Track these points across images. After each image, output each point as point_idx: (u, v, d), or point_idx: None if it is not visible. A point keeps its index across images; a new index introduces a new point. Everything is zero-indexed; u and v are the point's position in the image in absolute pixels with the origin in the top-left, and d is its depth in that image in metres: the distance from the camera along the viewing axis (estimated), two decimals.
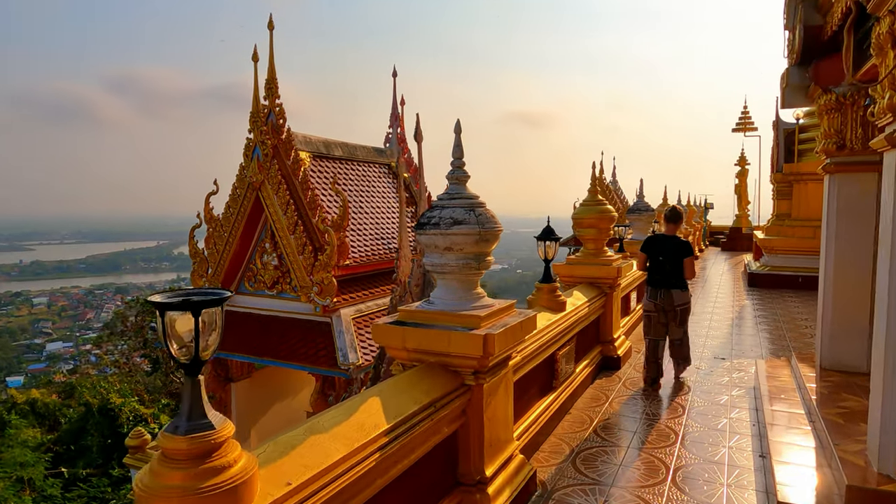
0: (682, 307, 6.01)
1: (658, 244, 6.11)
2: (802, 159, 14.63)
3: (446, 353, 3.30)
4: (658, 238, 6.23)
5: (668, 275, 5.98)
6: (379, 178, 11.91)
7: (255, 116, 9.35)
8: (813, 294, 13.18)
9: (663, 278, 6.01)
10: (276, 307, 9.64)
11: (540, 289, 5.43)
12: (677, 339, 6.14)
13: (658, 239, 6.21)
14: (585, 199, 7.13)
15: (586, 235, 7.08)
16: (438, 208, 3.53)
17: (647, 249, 6.16)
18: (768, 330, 9.06)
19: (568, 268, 7.02)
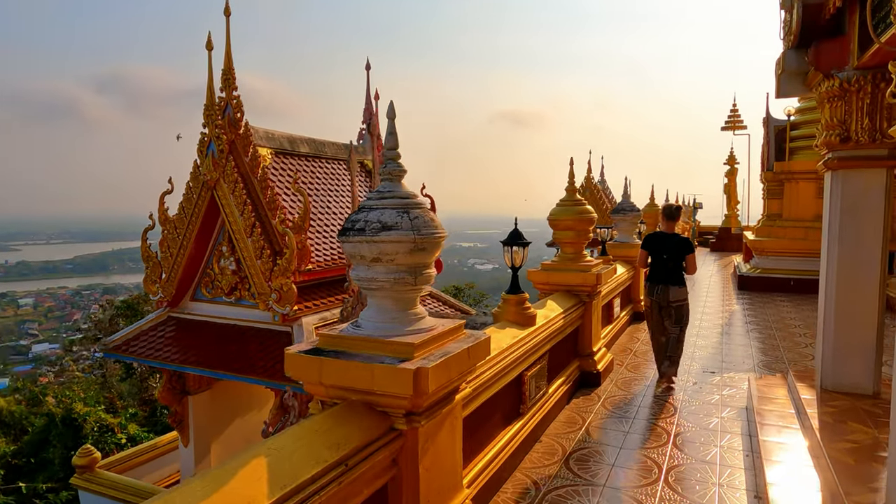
0: (677, 303, 6.03)
1: (659, 241, 6.18)
2: (794, 157, 14.12)
3: (370, 390, 2.65)
4: (659, 235, 6.31)
5: (670, 271, 6.05)
6: (349, 177, 11.22)
7: (209, 110, 8.64)
8: (805, 298, 12.83)
9: (663, 274, 6.06)
10: (234, 315, 8.94)
11: (506, 300, 4.80)
12: (672, 335, 6.12)
13: (659, 236, 6.29)
14: (562, 199, 6.51)
15: (563, 238, 6.46)
16: (365, 210, 2.88)
17: (649, 246, 6.24)
18: (760, 339, 8.48)
19: (543, 274, 6.39)
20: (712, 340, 8.40)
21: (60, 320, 74.47)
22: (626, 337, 8.57)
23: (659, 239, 6.23)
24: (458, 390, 3.08)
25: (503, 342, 4.21)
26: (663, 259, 6.08)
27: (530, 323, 4.77)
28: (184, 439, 9.64)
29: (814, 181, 13.37)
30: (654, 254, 6.16)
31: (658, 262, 6.12)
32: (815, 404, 4.48)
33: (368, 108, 12.41)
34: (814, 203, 13.42)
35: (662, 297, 6.05)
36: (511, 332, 4.48)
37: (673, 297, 6.01)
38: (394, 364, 2.59)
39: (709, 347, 7.97)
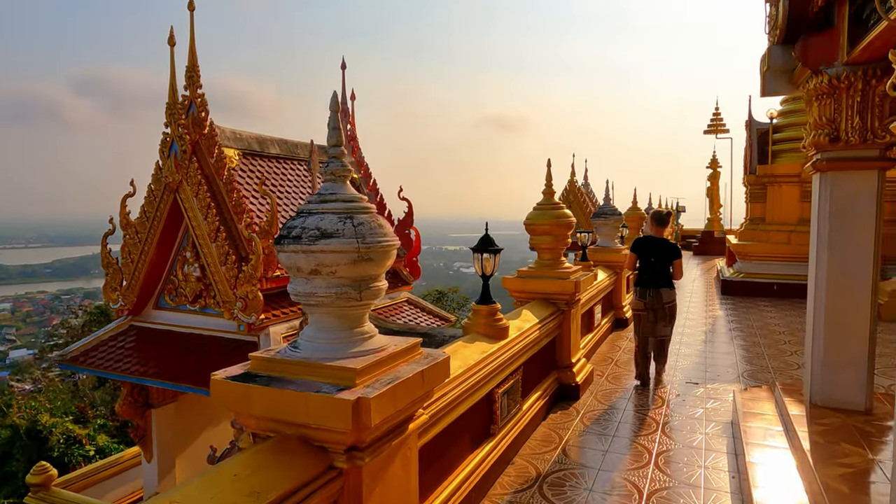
0: (669, 305, 6.22)
1: (648, 245, 6.29)
2: (777, 160, 13.99)
3: (305, 423, 2.30)
4: (648, 240, 6.37)
5: (658, 275, 6.20)
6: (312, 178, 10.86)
7: (171, 108, 8.22)
8: (789, 303, 12.66)
9: (653, 278, 6.21)
10: (198, 324, 8.51)
11: (476, 311, 4.46)
12: (664, 336, 6.33)
13: (648, 240, 6.36)
14: (539, 203, 6.20)
15: (541, 244, 6.14)
16: (304, 215, 2.54)
17: (638, 250, 6.34)
18: (744, 346, 8.24)
19: (519, 282, 6.07)
20: (696, 348, 8.14)
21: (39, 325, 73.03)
22: (608, 345, 8.28)
23: (648, 243, 6.32)
24: (413, 418, 2.73)
25: (471, 358, 3.87)
26: (652, 262, 6.21)
27: (502, 336, 4.43)
28: (147, 454, 9.17)
29: (797, 184, 13.25)
30: (644, 258, 6.28)
31: (647, 266, 6.25)
32: (804, 422, 4.20)
33: (343, 110, 12.04)
34: (797, 207, 13.29)
35: (656, 300, 6.19)
36: (480, 346, 4.14)
37: (666, 299, 6.20)
38: (331, 393, 2.24)
39: (692, 356, 7.71)
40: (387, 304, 10.90)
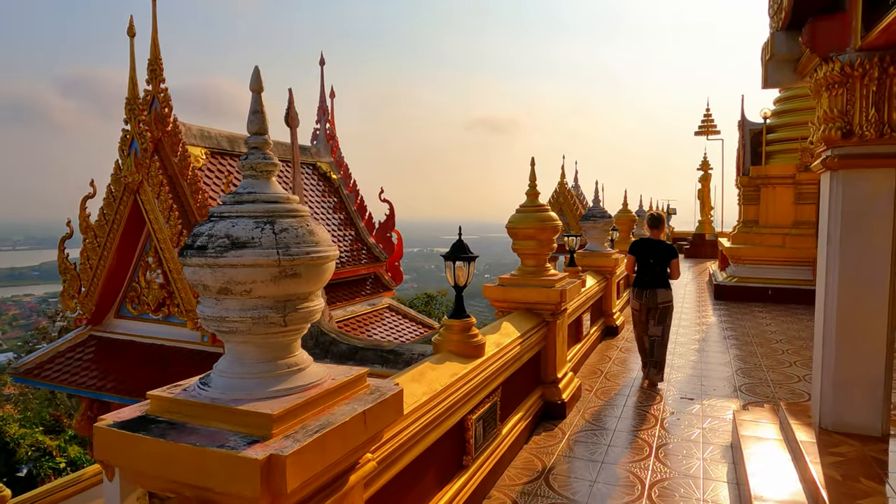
0: (664, 305, 6.38)
1: (646, 247, 6.49)
2: (770, 161, 13.62)
3: (205, 487, 1.80)
4: (646, 241, 6.58)
5: (657, 275, 6.40)
6: (303, 181, 10.34)
7: (131, 104, 7.69)
8: (784, 308, 12.26)
9: (651, 279, 6.41)
10: (162, 334, 7.98)
11: (448, 327, 3.97)
12: (656, 336, 6.40)
13: (646, 242, 6.56)
14: (523, 204, 5.73)
15: (524, 249, 5.67)
16: (213, 219, 2.05)
17: (636, 252, 6.54)
18: (741, 356, 7.80)
19: (500, 291, 5.59)
20: (689, 359, 7.70)
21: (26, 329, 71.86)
22: (597, 356, 7.82)
23: (646, 245, 6.53)
24: (356, 467, 2.24)
25: (438, 382, 3.38)
26: (650, 264, 6.42)
27: (478, 353, 3.95)
28: (108, 473, 8.59)
29: (791, 186, 12.88)
30: (642, 259, 6.49)
31: (645, 267, 6.47)
32: (815, 450, 3.74)
33: (322, 107, 11.55)
34: (792, 209, 12.93)
35: (651, 300, 6.38)
36: (451, 367, 3.65)
37: (661, 299, 6.37)
38: (236, 450, 1.74)
39: (686, 367, 7.26)
40: (367, 312, 10.39)
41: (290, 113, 4.29)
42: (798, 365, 7.31)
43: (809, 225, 12.66)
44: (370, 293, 10.91)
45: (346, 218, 11.06)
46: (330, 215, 10.62)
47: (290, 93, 4.25)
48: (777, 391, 6.27)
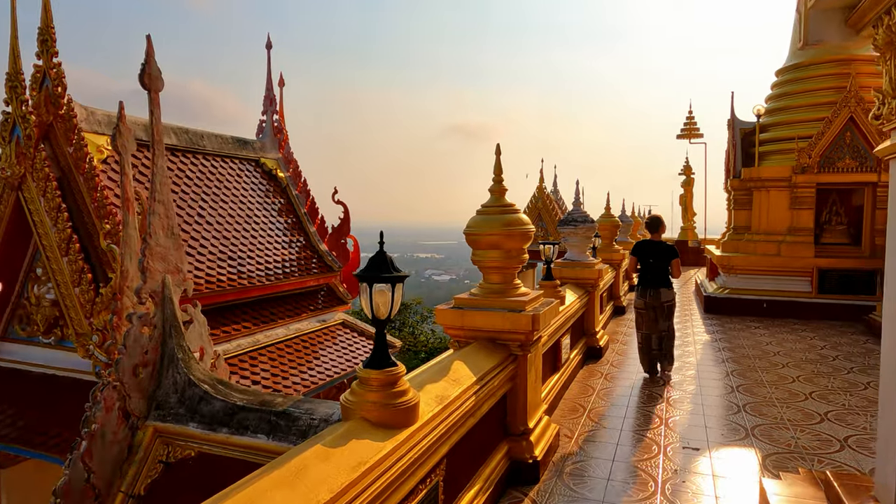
0: (668, 303, 6.75)
1: (648, 248, 6.82)
2: (763, 163, 12.61)
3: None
4: (648, 243, 6.92)
5: (659, 275, 6.74)
6: (238, 178, 9.00)
7: (12, 80, 6.31)
8: (781, 323, 11.08)
9: (654, 278, 6.74)
10: (54, 362, 6.57)
11: (364, 382, 2.69)
12: (663, 331, 6.78)
13: (647, 243, 6.90)
14: (485, 204, 4.48)
15: (487, 261, 4.41)
16: None
17: (638, 253, 6.88)
18: (746, 387, 6.63)
19: (456, 316, 4.32)
20: (688, 390, 6.51)
21: None
22: (578, 387, 6.59)
23: (648, 246, 6.86)
24: None
25: (333, 481, 2.09)
26: (651, 264, 6.75)
27: (407, 420, 2.67)
28: None
29: (786, 189, 11.85)
30: (644, 260, 6.80)
31: (648, 268, 6.79)
32: None
33: (269, 96, 10.22)
34: (787, 214, 11.90)
35: (655, 299, 6.72)
36: (361, 450, 2.37)
37: (664, 297, 6.74)
38: None
39: (685, 402, 6.06)
40: (316, 329, 9.07)
41: (148, 69, 2.98)
42: (815, 398, 6.17)
43: (806, 232, 11.65)
44: (322, 307, 9.59)
45: (294, 222, 9.73)
46: (274, 219, 9.28)
47: (149, 42, 2.94)
48: (799, 436, 5.10)
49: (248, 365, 7.35)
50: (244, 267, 7.94)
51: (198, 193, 7.96)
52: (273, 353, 7.89)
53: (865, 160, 11.26)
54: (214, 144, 8.80)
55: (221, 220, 8.12)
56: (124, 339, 2.97)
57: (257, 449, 2.78)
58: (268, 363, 7.63)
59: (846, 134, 11.33)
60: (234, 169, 8.98)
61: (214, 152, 8.72)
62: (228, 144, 9.06)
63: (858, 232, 11.72)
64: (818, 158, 11.43)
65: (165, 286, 3.15)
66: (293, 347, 8.27)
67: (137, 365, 3.01)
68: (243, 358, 7.41)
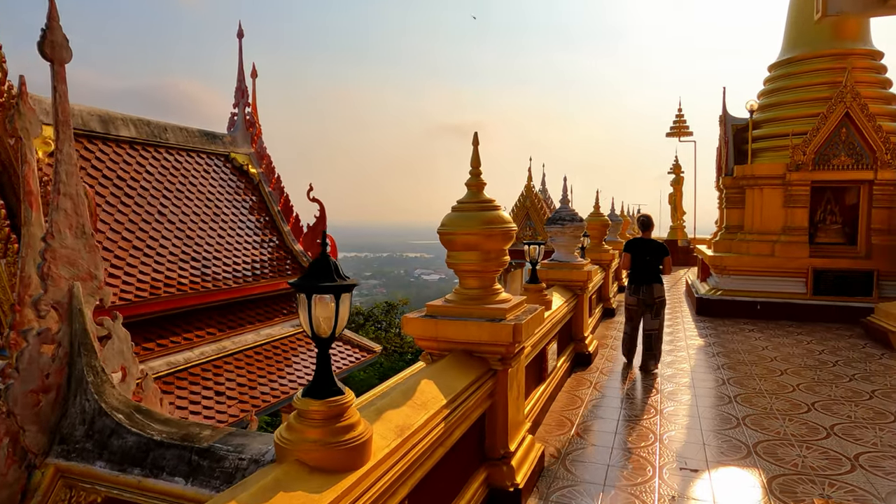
0: (659, 299, 6.93)
1: (641, 245, 7.02)
2: (757, 159, 12.24)
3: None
4: (640, 240, 7.10)
5: (651, 272, 6.94)
6: (205, 174, 8.46)
7: None
8: (776, 326, 10.57)
9: (646, 275, 6.95)
10: None
11: (302, 416, 2.20)
12: (654, 329, 6.94)
13: (640, 241, 7.09)
14: (462, 200, 4.01)
15: (463, 264, 3.94)
16: None
17: (632, 250, 7.04)
18: (745, 397, 6.21)
19: (428, 325, 3.84)
20: (682, 400, 6.08)
21: None
22: (566, 398, 6.14)
23: (641, 244, 7.07)
24: None
25: None
26: (646, 261, 6.94)
27: (355, 462, 2.19)
28: None
29: (780, 187, 11.49)
30: (637, 256, 6.99)
31: (640, 264, 6.98)
32: None
33: (240, 88, 9.68)
34: (781, 213, 11.54)
35: (648, 295, 6.93)
36: None
37: (656, 294, 6.94)
38: None
39: (679, 415, 5.63)
40: (289, 334, 8.55)
41: (50, 35, 2.47)
42: (819, 410, 5.75)
43: (801, 231, 11.29)
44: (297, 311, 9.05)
45: (267, 220, 9.21)
46: (245, 217, 8.75)
47: (52, 5, 2.43)
48: (805, 454, 4.67)
49: (211, 374, 6.83)
50: (209, 269, 7.40)
51: (159, 190, 7.41)
52: (241, 361, 7.37)
53: (861, 157, 10.92)
54: (179, 138, 8.25)
55: (185, 218, 7.58)
56: (17, 360, 2.46)
57: (173, 496, 2.28)
58: (234, 372, 7.11)
59: (842, 130, 10.99)
60: (200, 164, 8.43)
61: (179, 146, 8.17)
62: (195, 138, 8.51)
63: (854, 231, 11.38)
64: (813, 155, 11.08)
65: (73, 296, 2.64)
66: (264, 354, 7.76)
67: (35, 391, 2.49)
68: (206, 367, 6.88)
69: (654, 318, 6.95)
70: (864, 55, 11.75)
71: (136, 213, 6.88)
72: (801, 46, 12.33)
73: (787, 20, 12.78)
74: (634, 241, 7.18)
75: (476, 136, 4.06)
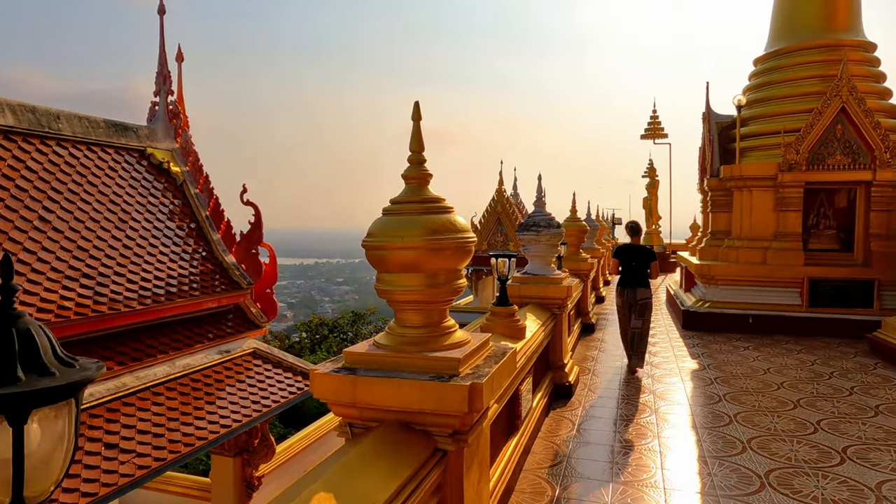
0: (643, 301, 7.31)
1: (629, 251, 7.46)
2: (745, 159, 11.30)
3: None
4: (629, 247, 7.56)
5: (638, 276, 7.35)
6: (111, 171, 7.06)
7: None
8: (771, 342, 9.06)
9: (634, 279, 7.35)
10: None
11: None
12: (637, 328, 7.33)
13: (628, 247, 7.56)
14: (397, 199, 2.78)
15: (399, 291, 2.68)
16: None
17: (620, 256, 7.50)
18: (761, 442, 5.08)
19: (344, 385, 2.56)
20: (687, 454, 4.91)
21: None
22: (544, 448, 4.92)
23: (629, 249, 7.44)
24: None
25: None
26: (633, 266, 7.32)
27: None
28: None
29: (770, 189, 10.56)
30: (625, 262, 7.37)
31: (628, 269, 7.36)
32: None
33: (162, 72, 8.29)
34: (772, 217, 10.60)
35: (632, 297, 7.30)
36: None
37: (640, 296, 7.29)
38: None
39: (687, 474, 4.45)
40: (215, 363, 7.18)
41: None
42: (855, 459, 4.65)
43: (794, 237, 10.37)
44: (228, 334, 7.69)
45: (192, 228, 7.82)
46: (162, 224, 7.35)
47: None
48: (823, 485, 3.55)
49: (102, 422, 5.44)
50: (107, 287, 6.02)
51: (42, 190, 5.99)
52: (147, 402, 5.98)
53: (858, 156, 10.04)
54: (77, 128, 6.83)
55: (78, 225, 6.18)
56: None
57: None
58: (135, 416, 5.72)
59: (837, 127, 10.10)
60: (105, 160, 7.03)
61: (76, 138, 6.76)
62: (99, 129, 7.10)
63: (849, 237, 10.51)
64: (806, 154, 10.17)
65: None
66: (179, 391, 6.38)
67: None
68: (97, 412, 5.49)
69: (637, 318, 7.27)
70: (856, 46, 10.92)
71: (5, 220, 5.46)
72: (788, 37, 11.46)
73: (774, 9, 11.91)
74: (624, 247, 7.52)
75: (416, 105, 2.83)
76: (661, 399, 6.30)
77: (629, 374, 7.27)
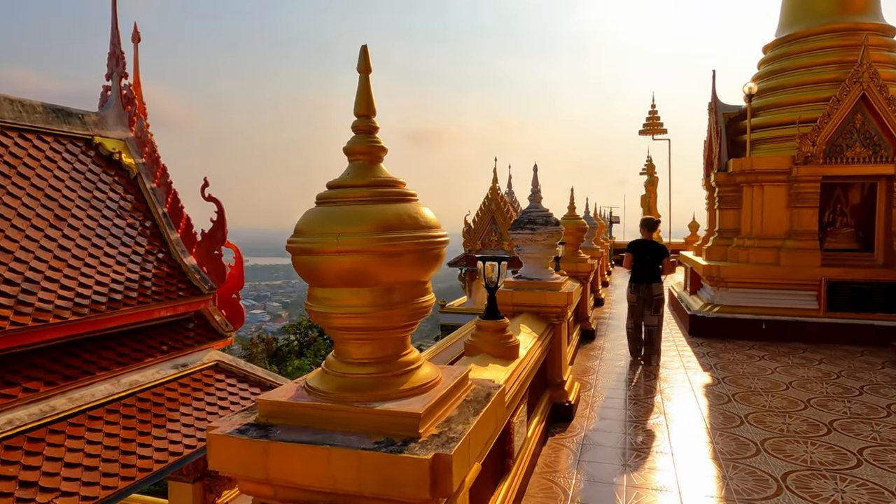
0: (657, 297, 7.41)
1: (643, 246, 7.55)
2: (756, 152, 10.53)
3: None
4: (644, 242, 7.62)
5: (651, 271, 7.45)
6: (50, 162, 6.22)
7: None
8: (789, 350, 8.15)
9: (647, 274, 7.45)
10: None
11: None
12: (653, 325, 7.48)
13: (642, 242, 7.62)
14: (337, 182, 1.96)
15: (338, 313, 1.88)
16: None
17: (634, 251, 7.55)
18: (797, 478, 4.30)
19: (254, 453, 1.76)
20: (708, 483, 4.12)
21: None
22: (541, 489, 4.11)
23: (643, 245, 7.58)
24: None
25: None
26: (647, 261, 7.46)
27: None
28: None
29: (784, 184, 9.79)
30: (639, 257, 7.50)
31: (642, 264, 7.48)
32: None
33: (114, 53, 7.44)
34: (785, 214, 9.83)
35: (647, 293, 7.42)
36: None
37: (655, 291, 7.42)
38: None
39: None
40: (169, 379, 6.35)
41: None
42: (869, 460, 3.87)
43: (810, 235, 9.60)
44: (187, 345, 6.86)
45: (147, 227, 6.99)
46: (112, 222, 6.52)
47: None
48: None
49: (21, 455, 4.61)
50: (34, 295, 5.19)
51: None
52: (80, 428, 5.15)
53: (879, 148, 9.28)
54: (9, 114, 6.00)
55: (3, 223, 5.35)
56: None
57: None
58: (64, 446, 4.89)
59: (856, 116, 9.34)
60: (41, 149, 6.20)
61: (5, 124, 5.93)
62: (35, 114, 6.27)
63: (869, 236, 9.75)
64: (824, 146, 9.40)
65: None
66: (122, 413, 5.55)
67: None
68: (16, 443, 4.66)
69: (652, 315, 7.40)
70: (875, 30, 10.17)
71: None
72: (802, 21, 10.70)
73: None
74: (638, 242, 7.62)
75: (365, 53, 2.01)
76: (675, 421, 5.51)
77: (631, 372, 7.13)
